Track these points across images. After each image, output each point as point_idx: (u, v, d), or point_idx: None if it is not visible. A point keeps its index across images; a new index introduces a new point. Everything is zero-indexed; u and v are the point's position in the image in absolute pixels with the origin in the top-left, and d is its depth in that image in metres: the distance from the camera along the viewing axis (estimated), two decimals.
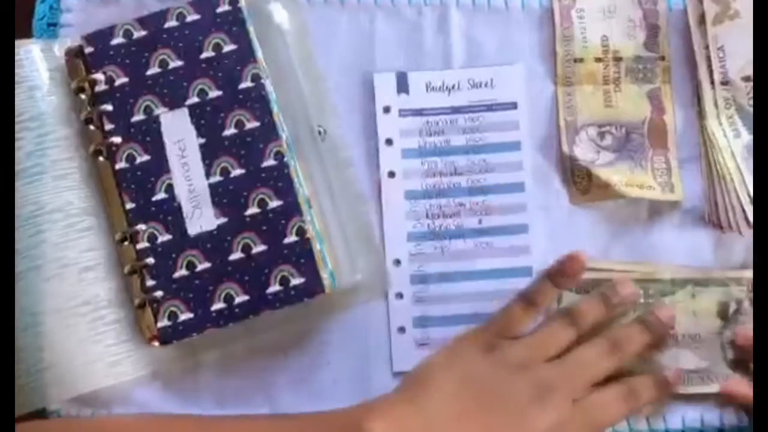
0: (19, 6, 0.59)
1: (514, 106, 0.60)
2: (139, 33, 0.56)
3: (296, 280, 0.53)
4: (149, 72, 0.55)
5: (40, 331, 0.54)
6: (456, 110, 0.59)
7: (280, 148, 0.55)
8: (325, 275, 0.54)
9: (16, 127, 0.55)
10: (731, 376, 0.55)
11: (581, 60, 0.60)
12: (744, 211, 0.56)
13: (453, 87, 0.60)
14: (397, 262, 0.58)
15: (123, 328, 0.55)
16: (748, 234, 0.57)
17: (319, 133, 0.58)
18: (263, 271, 0.54)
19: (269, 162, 0.55)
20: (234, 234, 0.54)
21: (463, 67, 0.60)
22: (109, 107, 0.55)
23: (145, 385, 0.57)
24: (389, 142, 0.59)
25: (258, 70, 0.55)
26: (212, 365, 0.57)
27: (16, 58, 0.56)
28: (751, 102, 0.58)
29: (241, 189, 0.54)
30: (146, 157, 0.55)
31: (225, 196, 0.54)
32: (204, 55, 0.55)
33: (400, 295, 0.58)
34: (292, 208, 0.54)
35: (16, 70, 0.56)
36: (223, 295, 0.54)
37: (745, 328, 0.55)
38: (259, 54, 0.56)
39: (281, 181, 0.54)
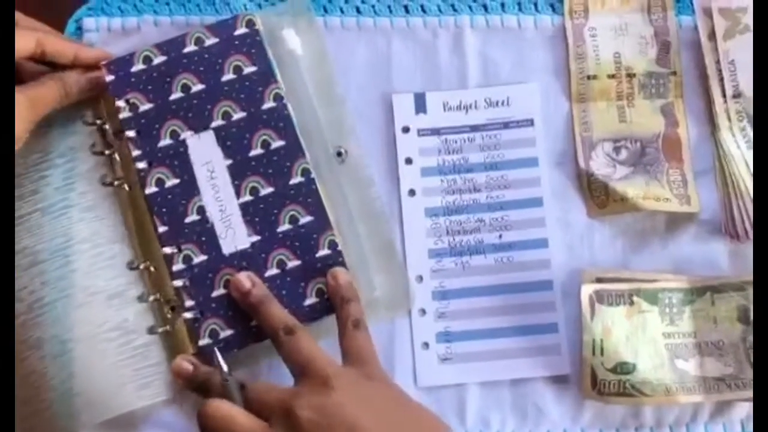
0: None
1: (530, 123, 0.61)
2: (158, 59, 0.57)
3: None
4: (172, 97, 0.56)
5: (71, 358, 0.55)
6: (473, 128, 0.61)
7: (306, 165, 0.56)
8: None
9: (45, 165, 0.57)
10: None
11: (595, 77, 0.61)
12: None
13: (470, 106, 0.61)
14: (419, 278, 0.59)
15: (151, 351, 0.56)
16: None
17: (339, 154, 0.59)
18: (299, 284, 0.55)
19: (297, 179, 0.56)
20: (268, 251, 0.55)
21: (479, 86, 0.61)
22: (132, 133, 0.56)
23: (174, 406, 0.57)
24: (409, 161, 0.60)
25: (279, 90, 0.57)
26: None
27: None
28: None
29: (272, 207, 0.55)
30: (176, 181, 0.56)
31: (256, 215, 0.55)
32: (225, 78, 0.57)
33: (422, 311, 0.59)
34: (322, 223, 0.55)
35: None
36: None
37: None
38: (278, 74, 0.57)
39: (310, 196, 0.55)
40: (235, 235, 0.55)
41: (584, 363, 0.57)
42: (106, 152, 0.57)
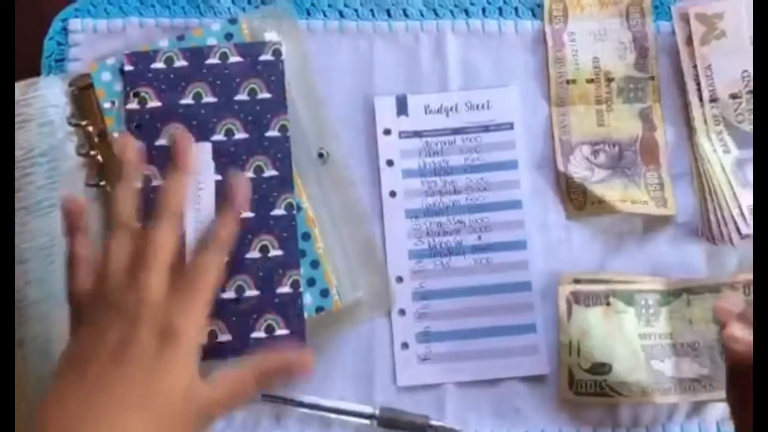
0: (27, 42, 0.61)
1: (510, 126, 0.61)
2: (180, 62, 0.57)
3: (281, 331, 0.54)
4: (183, 101, 0.56)
5: (53, 358, 0.55)
6: (454, 131, 0.61)
7: (291, 200, 0.56)
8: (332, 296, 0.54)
9: (28, 162, 0.57)
10: None
11: (574, 81, 0.62)
12: (735, 223, 0.58)
13: (451, 109, 0.61)
14: (400, 279, 0.60)
15: None
16: (740, 245, 0.58)
17: (321, 155, 0.59)
18: (252, 315, 0.54)
19: (279, 212, 0.56)
20: (231, 274, 0.54)
21: (460, 89, 0.62)
22: (132, 126, 0.56)
23: None
24: (390, 163, 0.61)
25: (286, 122, 0.57)
26: None
27: (25, 97, 0.57)
28: (739, 118, 0.60)
29: (247, 232, 0.55)
30: (161, 182, 0.55)
31: None
32: (238, 97, 0.57)
33: (402, 312, 0.59)
34: (291, 260, 0.55)
35: (26, 109, 0.57)
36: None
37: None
38: (288, 107, 0.57)
39: (287, 231, 0.55)
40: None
41: (561, 363, 0.57)
42: (91, 153, 0.57)
